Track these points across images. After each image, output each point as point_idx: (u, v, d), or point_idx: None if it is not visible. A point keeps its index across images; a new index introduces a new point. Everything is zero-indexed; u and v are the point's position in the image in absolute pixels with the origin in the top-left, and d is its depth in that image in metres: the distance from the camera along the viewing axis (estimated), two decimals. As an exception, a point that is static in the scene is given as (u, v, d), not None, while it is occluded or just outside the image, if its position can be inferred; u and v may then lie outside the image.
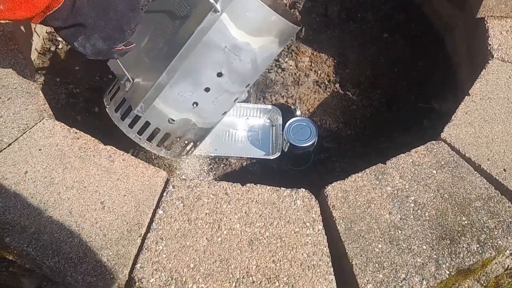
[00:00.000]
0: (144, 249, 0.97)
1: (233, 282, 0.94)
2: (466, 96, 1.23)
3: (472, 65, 1.45)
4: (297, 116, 1.43)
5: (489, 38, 1.36)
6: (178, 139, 1.15)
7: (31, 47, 1.46)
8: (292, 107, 1.53)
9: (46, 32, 1.58)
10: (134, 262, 0.96)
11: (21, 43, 1.31)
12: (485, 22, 1.41)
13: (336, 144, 1.48)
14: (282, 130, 1.39)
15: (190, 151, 1.23)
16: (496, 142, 1.14)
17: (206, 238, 0.99)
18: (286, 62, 1.63)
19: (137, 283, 0.93)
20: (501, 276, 1.28)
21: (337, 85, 1.59)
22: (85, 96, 1.50)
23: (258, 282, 0.94)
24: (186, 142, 1.19)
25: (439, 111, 1.52)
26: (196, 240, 0.98)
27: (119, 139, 1.43)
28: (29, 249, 0.94)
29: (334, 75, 1.61)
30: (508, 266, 1.23)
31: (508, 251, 1.17)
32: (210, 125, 1.18)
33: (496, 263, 1.21)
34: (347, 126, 1.51)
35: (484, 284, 1.22)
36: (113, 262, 0.95)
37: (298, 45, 1.67)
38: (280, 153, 1.39)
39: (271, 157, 1.39)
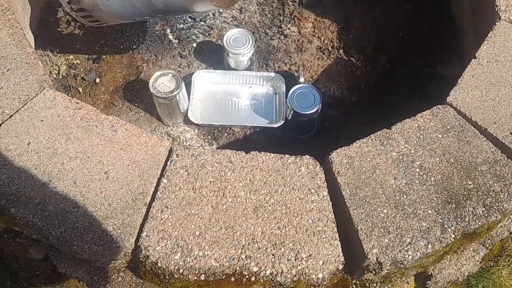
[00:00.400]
0: (149, 217, 0.97)
1: (238, 248, 0.94)
2: (473, 59, 1.20)
3: (478, 28, 1.42)
4: (300, 83, 1.41)
5: (496, -1, 1.32)
6: (86, 11, 1.26)
7: (29, 17, 1.43)
8: (296, 74, 1.51)
9: (44, 2, 1.55)
10: (140, 231, 0.96)
11: (18, 13, 1.29)
12: (492, -18, 1.37)
13: (340, 111, 1.46)
14: (286, 98, 1.37)
15: (94, 23, 1.34)
16: (503, 105, 1.12)
17: (211, 206, 0.99)
18: (288, 28, 1.60)
19: (143, 251, 0.93)
20: (506, 239, 1.29)
21: (341, 51, 1.56)
22: (85, 67, 1.49)
23: (264, 248, 0.95)
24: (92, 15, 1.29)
25: (445, 75, 1.50)
26: (201, 208, 0.99)
27: (121, 110, 1.43)
28: (35, 220, 0.94)
29: (337, 41, 1.58)
30: (513, 229, 1.24)
31: (513, 215, 1.17)
32: (118, 19, 1.31)
33: (501, 226, 1.22)
34: (351, 93, 1.49)
35: (489, 248, 1.22)
36: (119, 231, 0.95)
37: (300, 10, 1.64)
38: (283, 121, 1.38)
39: (275, 125, 1.38)
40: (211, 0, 1.14)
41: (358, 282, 1.14)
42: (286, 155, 1.07)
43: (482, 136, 1.08)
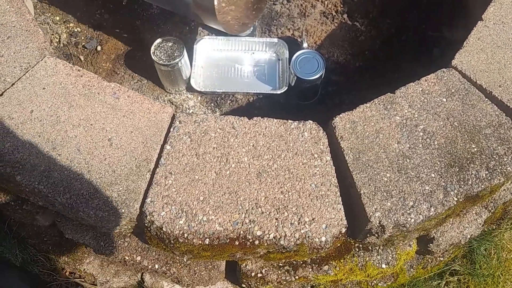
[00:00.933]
0: (153, 183, 0.98)
1: (242, 213, 0.95)
2: (479, 22, 1.18)
3: (485, -11, 1.39)
4: (304, 48, 1.40)
5: (505, -41, 1.28)
6: None
7: (27, -16, 1.41)
8: (299, 39, 1.49)
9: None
10: (145, 197, 0.97)
11: (16, -21, 1.27)
12: None
13: (344, 76, 1.45)
14: (289, 64, 1.36)
15: None
16: (509, 68, 1.10)
17: (215, 172, 0.99)
18: (291, -8, 1.57)
19: (148, 217, 0.95)
20: (509, 203, 1.29)
21: (345, 16, 1.54)
22: (86, 35, 1.47)
23: (267, 212, 0.95)
24: None
25: (450, 39, 1.48)
26: (204, 174, 0.99)
27: (123, 78, 1.42)
28: (40, 187, 0.95)
29: (341, 5, 1.56)
30: (516, 192, 1.24)
31: (517, 178, 1.17)
32: None
33: (504, 189, 1.22)
34: (355, 58, 1.47)
35: (492, 211, 1.23)
36: (124, 197, 0.96)
37: (303, -26, 1.60)
38: (287, 88, 1.37)
39: (278, 92, 1.37)
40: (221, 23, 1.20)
41: (360, 245, 1.16)
42: (289, 121, 1.07)
43: (486, 99, 1.07)
